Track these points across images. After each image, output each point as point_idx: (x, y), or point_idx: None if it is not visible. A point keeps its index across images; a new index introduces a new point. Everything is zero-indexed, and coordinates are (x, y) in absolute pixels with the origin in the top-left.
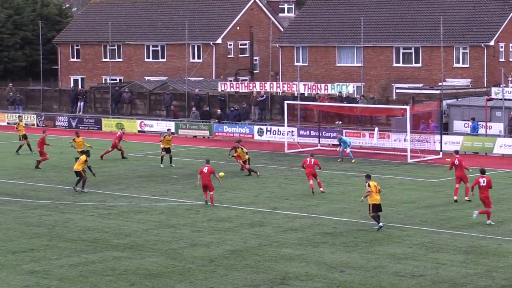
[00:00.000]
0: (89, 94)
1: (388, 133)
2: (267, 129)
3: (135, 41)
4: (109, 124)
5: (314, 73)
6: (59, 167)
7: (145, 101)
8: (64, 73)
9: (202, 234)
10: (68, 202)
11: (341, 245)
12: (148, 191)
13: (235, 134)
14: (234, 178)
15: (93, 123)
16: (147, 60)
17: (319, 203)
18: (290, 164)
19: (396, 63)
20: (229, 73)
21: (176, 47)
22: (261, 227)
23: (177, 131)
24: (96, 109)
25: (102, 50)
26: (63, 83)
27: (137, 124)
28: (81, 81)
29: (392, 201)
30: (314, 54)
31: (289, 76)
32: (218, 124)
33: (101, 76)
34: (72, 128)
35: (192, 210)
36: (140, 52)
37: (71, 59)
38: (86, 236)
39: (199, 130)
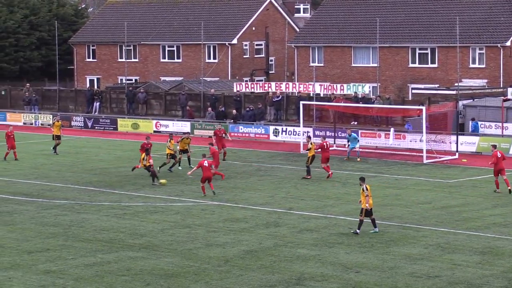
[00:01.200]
0: (104, 94)
1: (403, 134)
2: (282, 129)
3: (151, 41)
4: (124, 125)
5: (330, 73)
6: (75, 167)
7: (161, 101)
8: (80, 73)
9: (217, 235)
10: (83, 202)
11: (357, 245)
12: (163, 191)
13: (251, 134)
14: (250, 178)
15: (108, 123)
16: (163, 60)
17: (334, 203)
18: None
19: (412, 63)
20: (244, 74)
21: (192, 48)
22: (277, 228)
23: (193, 131)
24: (112, 109)
25: (118, 50)
26: (79, 83)
27: (153, 124)
28: (96, 81)
29: (407, 201)
30: (330, 54)
31: (305, 76)
32: (234, 125)
33: (116, 76)
34: (88, 128)
35: (207, 210)
36: (156, 53)
37: (87, 59)
38: (101, 236)
39: None
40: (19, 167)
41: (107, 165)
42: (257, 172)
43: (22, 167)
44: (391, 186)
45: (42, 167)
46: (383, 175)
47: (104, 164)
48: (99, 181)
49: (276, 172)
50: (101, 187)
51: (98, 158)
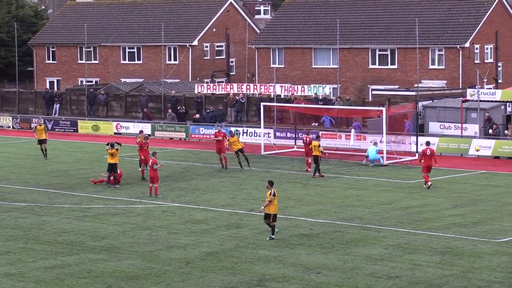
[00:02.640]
0: (64, 96)
1: (364, 135)
2: (243, 130)
3: (111, 43)
4: (85, 126)
5: (290, 74)
6: (35, 169)
7: (121, 103)
8: (40, 75)
9: (178, 236)
10: (44, 205)
11: (318, 246)
12: (124, 193)
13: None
14: (211, 180)
15: (69, 125)
16: (123, 62)
17: (295, 204)
18: (267, 165)
19: (372, 64)
20: (205, 75)
21: (152, 49)
22: (238, 229)
23: (153, 133)
24: (72, 111)
25: (78, 52)
26: (38, 85)
27: (113, 126)
28: (57, 83)
29: (368, 202)
30: (290, 56)
31: (265, 77)
32: (194, 126)
33: (77, 78)
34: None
35: (168, 212)
36: (116, 54)
37: (46, 61)
38: (62, 238)
39: (176, 132)
40: None
41: (67, 167)
42: (218, 174)
43: None
44: (352, 187)
45: (1, 169)
46: (343, 176)
47: (64, 166)
48: (59, 183)
49: (237, 174)
50: (62, 189)
51: (59, 160)
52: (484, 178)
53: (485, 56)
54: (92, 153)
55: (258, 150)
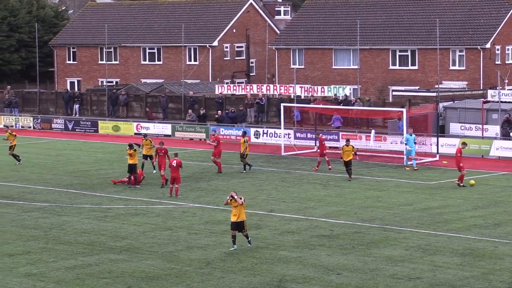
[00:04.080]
0: (85, 96)
1: (384, 136)
2: (263, 131)
3: (132, 44)
4: (105, 127)
5: (311, 75)
6: (56, 169)
7: (142, 103)
8: (60, 76)
9: (198, 237)
10: (64, 205)
11: (338, 247)
12: (144, 194)
13: (232, 136)
14: (231, 181)
15: (89, 125)
16: (144, 62)
17: (316, 205)
18: (287, 166)
19: (392, 65)
20: (225, 76)
21: (173, 50)
22: (258, 230)
23: (174, 133)
24: (93, 112)
25: (98, 53)
26: (59, 85)
27: (134, 126)
28: (77, 83)
29: (389, 203)
30: (311, 56)
31: (286, 78)
32: (215, 127)
33: (97, 79)
34: (69, 130)
35: (188, 212)
36: (137, 55)
37: (67, 62)
38: (82, 238)
39: (196, 133)
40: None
41: (88, 168)
42: (238, 174)
43: (2, 169)
44: (372, 188)
45: (22, 169)
46: (364, 177)
47: (85, 166)
48: (80, 183)
49: (257, 174)
50: (82, 189)
51: (79, 161)
52: (505, 180)
53: (506, 57)
54: (113, 153)
55: (278, 151)
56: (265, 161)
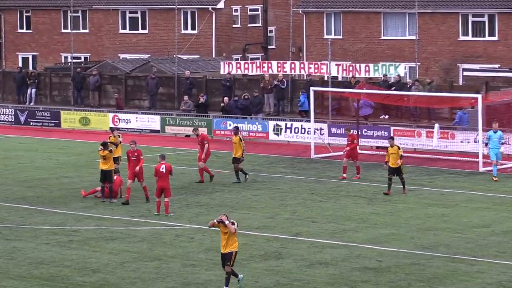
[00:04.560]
0: (43, 78)
1: (452, 132)
2: (286, 125)
3: (106, 5)
4: (70, 119)
5: (351, 49)
6: (2, 177)
7: (120, 87)
8: (9, 50)
9: (197, 270)
10: (15, 226)
11: (389, 284)
12: (124, 211)
13: (243, 132)
14: (243, 193)
15: (48, 117)
16: (122, 31)
17: (358, 227)
18: (318, 173)
19: (463, 35)
20: (234, 49)
21: (162, 14)
22: (279, 260)
23: (164, 128)
24: (53, 99)
25: (61, 18)
26: (8, 62)
27: (109, 118)
28: (32, 60)
29: (458, 224)
30: (351, 23)
31: (317, 53)
32: (220, 119)
33: (59, 53)
34: (21, 124)
35: (184, 236)
36: (113, 21)
37: (18, 30)
38: (39, 271)
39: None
40: None
41: (46, 175)
42: (252, 185)
43: None
44: (436, 204)
45: None
46: (424, 188)
47: (42, 173)
48: (35, 196)
49: (278, 184)
50: (39, 204)
51: (35, 165)
52: None
53: None
54: (80, 155)
55: (306, 153)
56: (288, 166)
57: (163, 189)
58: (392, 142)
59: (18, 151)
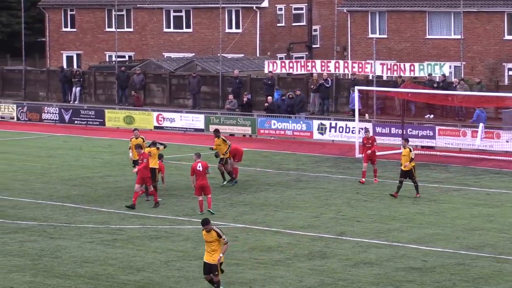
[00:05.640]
0: (87, 76)
1: (497, 132)
2: (331, 124)
3: (150, 4)
4: (114, 118)
5: (396, 48)
6: (47, 176)
7: (164, 86)
8: (54, 48)
9: (241, 269)
10: (59, 224)
11: (433, 284)
12: (168, 210)
13: (287, 131)
14: (287, 192)
15: (93, 116)
16: (167, 30)
17: (403, 226)
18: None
19: (508, 35)
20: (279, 48)
21: (207, 13)
22: (323, 260)
23: (208, 127)
24: (98, 98)
25: (105, 17)
26: (52, 61)
27: (153, 117)
28: (77, 58)
29: (503, 224)
30: (396, 22)
31: (362, 52)
32: (264, 119)
33: (104, 52)
34: (65, 122)
35: (228, 235)
36: (157, 20)
37: (63, 29)
38: (83, 270)
39: (238, 126)
40: None
41: (91, 174)
42: (297, 184)
43: None
44: (481, 204)
45: (2, 175)
46: (469, 188)
47: (87, 172)
48: (80, 195)
49: (322, 184)
50: (83, 203)
51: (79, 164)
52: None
53: None
54: (125, 154)
55: (351, 152)
56: (333, 165)
57: (203, 187)
58: (405, 144)
59: (62, 149)
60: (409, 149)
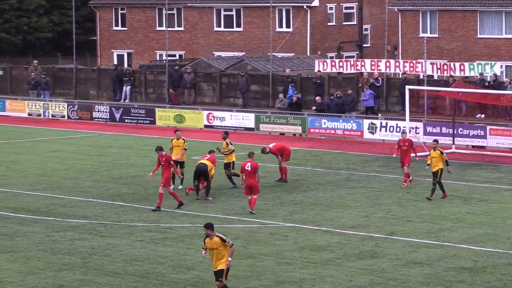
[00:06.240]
0: (138, 75)
1: None
2: (381, 124)
3: (201, 3)
4: (165, 117)
5: (447, 47)
6: (98, 174)
7: (215, 84)
8: (105, 47)
9: (291, 268)
10: (109, 222)
11: (484, 285)
12: (218, 208)
13: (338, 131)
14: (337, 191)
15: (143, 114)
16: (217, 29)
17: (453, 226)
18: (414, 172)
19: None
20: (329, 47)
21: (257, 12)
22: (373, 260)
23: (258, 126)
24: (148, 96)
25: (156, 16)
26: (103, 60)
27: (204, 116)
28: (127, 57)
29: None
30: (447, 21)
31: (412, 51)
32: (314, 118)
33: (154, 51)
34: (116, 121)
35: (278, 234)
36: (208, 19)
37: (114, 28)
38: (133, 268)
39: (289, 126)
40: (23, 173)
41: (141, 172)
42: (347, 183)
43: (27, 173)
44: None
45: (53, 173)
46: None
47: (137, 170)
48: (130, 193)
49: (372, 183)
50: (133, 202)
51: (129, 163)
52: None
53: None
54: None
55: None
56: (383, 164)
57: (251, 187)
58: (436, 145)
59: (113, 148)
60: (439, 151)
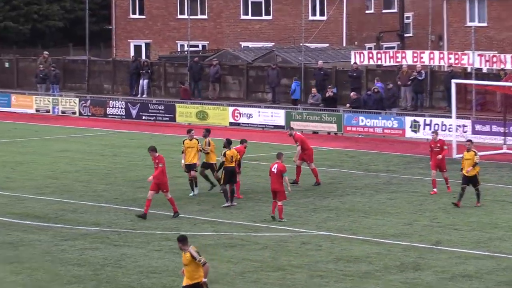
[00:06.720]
0: (157, 68)
1: None
2: (425, 121)
3: None
4: (186, 113)
5: (497, 38)
6: (111, 176)
7: (241, 78)
8: (120, 37)
9: (325, 282)
10: (124, 230)
11: None
12: (244, 215)
13: (377, 129)
14: (376, 196)
15: (162, 111)
16: (244, 17)
17: (505, 235)
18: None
19: None
20: (367, 38)
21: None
22: (417, 272)
23: (288, 123)
24: (168, 91)
25: (177, 3)
26: (119, 51)
27: (229, 113)
28: (145, 48)
29: None
30: (497, 9)
31: (459, 42)
32: (351, 115)
33: (175, 41)
34: (132, 118)
35: (311, 244)
36: (234, 6)
37: (131, 16)
38: (150, 281)
39: (323, 123)
40: (29, 175)
41: None
42: (387, 187)
43: (34, 175)
44: None
45: (62, 176)
46: None
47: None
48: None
49: (416, 187)
50: (151, 207)
51: (146, 164)
52: None
53: None
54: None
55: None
56: (427, 166)
57: (275, 192)
58: (470, 146)
59: (128, 147)
60: (474, 152)
